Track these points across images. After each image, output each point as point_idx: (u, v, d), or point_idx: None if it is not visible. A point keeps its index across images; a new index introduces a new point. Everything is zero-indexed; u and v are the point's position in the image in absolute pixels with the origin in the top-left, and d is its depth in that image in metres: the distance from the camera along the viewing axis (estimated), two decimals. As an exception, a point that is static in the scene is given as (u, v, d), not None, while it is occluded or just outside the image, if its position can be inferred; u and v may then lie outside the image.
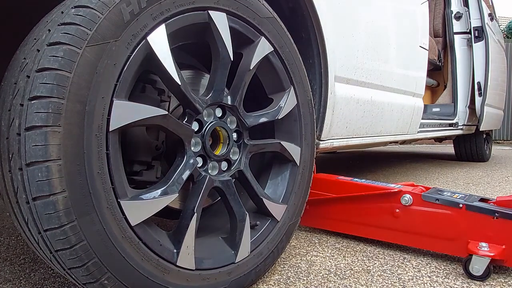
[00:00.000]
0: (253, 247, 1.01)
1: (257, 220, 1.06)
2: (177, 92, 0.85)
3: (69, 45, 0.66)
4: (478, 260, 1.12)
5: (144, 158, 0.90)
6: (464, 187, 2.63)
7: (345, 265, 1.22)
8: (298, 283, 1.08)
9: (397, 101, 1.95)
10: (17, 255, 1.27)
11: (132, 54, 0.74)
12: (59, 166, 0.64)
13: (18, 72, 0.70)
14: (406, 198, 1.30)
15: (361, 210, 1.41)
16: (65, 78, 0.65)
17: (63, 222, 0.65)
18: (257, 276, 1.03)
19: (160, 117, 0.79)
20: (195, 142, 0.90)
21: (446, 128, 3.22)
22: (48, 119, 0.64)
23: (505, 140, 7.46)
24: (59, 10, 0.73)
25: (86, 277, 0.70)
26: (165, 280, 0.80)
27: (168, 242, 0.84)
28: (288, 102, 1.10)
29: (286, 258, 1.27)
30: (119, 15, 0.72)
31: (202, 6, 0.87)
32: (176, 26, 0.82)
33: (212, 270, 0.91)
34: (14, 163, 0.66)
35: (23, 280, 1.07)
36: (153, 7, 0.77)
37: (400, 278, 1.12)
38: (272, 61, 1.06)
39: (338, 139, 1.53)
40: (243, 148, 1.02)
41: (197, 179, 0.90)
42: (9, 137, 0.67)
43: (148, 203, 0.78)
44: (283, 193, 1.12)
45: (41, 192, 0.64)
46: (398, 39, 1.90)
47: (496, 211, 1.16)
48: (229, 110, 0.98)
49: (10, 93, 0.69)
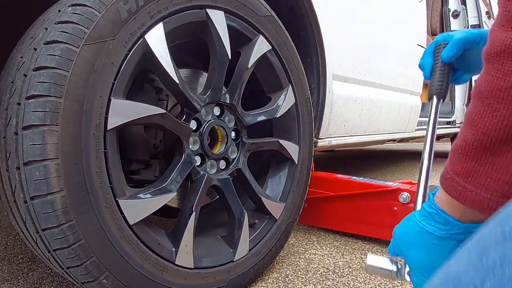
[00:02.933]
0: (252, 245, 1.01)
1: (256, 219, 1.06)
2: (175, 90, 0.85)
3: (66, 44, 0.66)
4: (475, 257, 1.12)
5: (142, 157, 0.89)
6: (462, 185, 2.64)
7: (344, 263, 1.22)
8: (297, 281, 1.08)
9: (395, 100, 1.95)
10: (15, 254, 1.27)
11: (129, 53, 0.74)
12: (57, 165, 0.64)
13: (15, 71, 0.69)
14: (404, 196, 1.31)
15: (359, 208, 1.41)
16: (63, 76, 0.65)
17: (61, 221, 0.65)
18: (255, 274, 1.03)
19: (158, 115, 0.79)
20: (193, 140, 0.90)
21: (443, 126, 3.23)
22: (45, 118, 0.64)
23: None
24: (56, 9, 0.73)
25: (84, 276, 0.69)
26: (164, 279, 0.80)
27: (167, 241, 0.84)
28: (286, 101, 1.10)
29: (285, 256, 1.27)
30: (117, 13, 0.72)
31: (200, 5, 0.87)
32: (174, 24, 0.82)
33: (211, 269, 0.91)
34: (11, 162, 0.66)
35: (21, 279, 1.07)
36: (151, 5, 0.77)
37: (398, 276, 1.13)
38: (270, 59, 1.06)
39: (336, 137, 1.54)
40: (241, 146, 1.02)
41: (196, 178, 0.90)
42: (6, 136, 0.67)
43: (146, 202, 0.78)
44: (282, 191, 1.12)
45: (39, 191, 0.64)
46: (396, 38, 1.90)
47: (494, 208, 1.16)
48: (227, 109, 0.98)
49: (7, 92, 0.69)
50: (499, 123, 0.35)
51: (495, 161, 0.36)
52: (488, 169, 0.37)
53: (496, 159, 0.36)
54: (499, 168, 0.36)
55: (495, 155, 0.36)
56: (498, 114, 0.35)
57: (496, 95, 0.35)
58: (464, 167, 0.39)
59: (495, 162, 0.36)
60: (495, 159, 0.36)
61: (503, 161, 0.35)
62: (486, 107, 0.36)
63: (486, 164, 0.37)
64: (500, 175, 0.36)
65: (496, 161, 0.36)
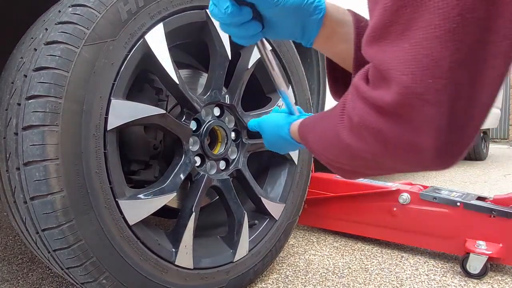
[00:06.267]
0: (252, 246, 1.01)
1: (256, 219, 1.06)
2: (175, 91, 0.85)
3: (66, 44, 0.66)
4: (475, 258, 1.12)
5: (142, 157, 0.89)
6: (462, 186, 2.64)
7: (343, 263, 1.22)
8: (297, 281, 1.08)
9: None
10: (15, 255, 1.27)
11: (129, 53, 0.74)
12: (56, 165, 0.64)
13: (15, 71, 0.69)
14: (404, 196, 1.31)
15: (359, 209, 1.41)
16: (63, 77, 0.65)
17: (61, 221, 0.65)
18: (255, 275, 1.03)
19: (158, 116, 0.79)
20: (193, 141, 0.90)
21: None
22: (45, 119, 0.64)
23: (502, 138, 7.48)
24: (56, 9, 0.73)
25: (84, 277, 0.69)
26: (164, 279, 0.80)
27: (167, 241, 0.84)
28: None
29: (285, 257, 1.27)
30: (117, 14, 0.72)
31: (200, 5, 0.87)
32: (174, 25, 0.82)
33: (211, 269, 0.91)
34: (11, 162, 0.66)
35: (21, 280, 1.07)
36: (151, 6, 0.77)
37: (398, 277, 1.13)
38: (270, 60, 1.06)
39: (336, 138, 1.53)
40: (241, 147, 1.02)
41: (195, 178, 0.90)
42: (6, 137, 0.67)
43: (146, 203, 0.78)
44: (281, 192, 1.12)
45: (38, 192, 0.64)
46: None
47: (493, 209, 1.16)
48: (227, 109, 0.98)
49: (7, 93, 0.69)
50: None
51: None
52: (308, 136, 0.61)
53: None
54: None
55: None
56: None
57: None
58: (311, 141, 0.60)
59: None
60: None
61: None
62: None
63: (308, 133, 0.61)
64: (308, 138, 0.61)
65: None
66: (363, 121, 0.43)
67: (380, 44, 0.40)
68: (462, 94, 0.37)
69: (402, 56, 0.38)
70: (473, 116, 0.38)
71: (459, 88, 0.36)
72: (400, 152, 0.42)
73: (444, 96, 0.36)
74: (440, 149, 0.40)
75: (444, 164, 0.41)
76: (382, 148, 0.44)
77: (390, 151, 0.43)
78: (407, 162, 0.44)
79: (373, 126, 0.42)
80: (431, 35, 0.35)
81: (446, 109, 0.37)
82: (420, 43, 0.36)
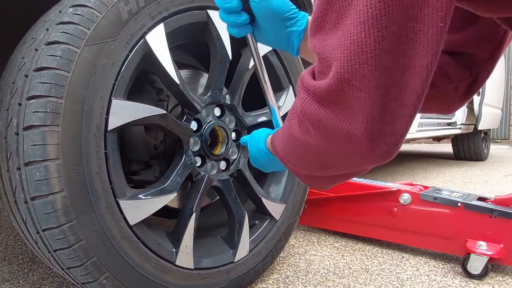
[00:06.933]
0: (252, 246, 1.01)
1: (256, 220, 1.06)
2: (176, 91, 0.85)
3: (67, 44, 0.66)
4: (476, 259, 1.12)
5: (142, 158, 0.89)
6: (462, 186, 2.64)
7: (344, 264, 1.22)
8: (297, 282, 1.08)
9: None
10: (16, 255, 1.27)
11: (130, 54, 0.74)
12: (57, 165, 0.64)
13: (16, 72, 0.69)
14: (405, 197, 1.31)
15: (359, 209, 1.41)
16: (63, 77, 0.65)
17: (61, 221, 0.65)
18: (256, 275, 1.03)
19: (158, 116, 0.79)
20: (194, 141, 0.90)
21: (444, 127, 3.23)
22: (46, 119, 0.64)
23: (503, 139, 7.48)
24: (57, 9, 0.73)
25: (84, 277, 0.69)
26: (164, 279, 0.80)
27: (167, 241, 0.84)
28: (287, 101, 1.10)
29: (285, 257, 1.27)
30: (118, 14, 0.72)
31: (201, 6, 0.87)
32: (175, 25, 0.82)
33: (211, 270, 0.91)
34: (12, 162, 0.66)
35: (21, 280, 1.07)
36: (152, 6, 0.77)
37: (398, 277, 1.13)
38: (271, 60, 1.06)
39: (336, 138, 1.53)
40: (242, 147, 1.02)
41: (196, 179, 0.90)
42: (7, 137, 0.67)
43: (146, 203, 0.78)
44: (282, 192, 1.12)
45: (39, 192, 0.64)
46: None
47: (494, 210, 1.16)
48: (228, 110, 0.98)
49: (8, 93, 0.69)
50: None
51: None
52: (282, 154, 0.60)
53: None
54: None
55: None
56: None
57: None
58: (278, 146, 0.61)
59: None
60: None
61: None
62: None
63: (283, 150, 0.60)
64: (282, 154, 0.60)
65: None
66: (305, 112, 0.44)
67: (321, 33, 0.41)
68: (391, 81, 0.37)
69: (334, 43, 0.38)
70: (404, 104, 0.38)
71: (387, 75, 0.36)
72: (338, 142, 0.43)
73: (372, 83, 0.37)
74: (372, 138, 0.40)
75: (380, 155, 0.42)
76: (324, 140, 0.44)
77: (330, 141, 0.44)
78: (346, 153, 0.44)
79: (313, 116, 0.43)
80: (356, 21, 0.36)
81: (375, 96, 0.37)
82: (348, 30, 0.36)
